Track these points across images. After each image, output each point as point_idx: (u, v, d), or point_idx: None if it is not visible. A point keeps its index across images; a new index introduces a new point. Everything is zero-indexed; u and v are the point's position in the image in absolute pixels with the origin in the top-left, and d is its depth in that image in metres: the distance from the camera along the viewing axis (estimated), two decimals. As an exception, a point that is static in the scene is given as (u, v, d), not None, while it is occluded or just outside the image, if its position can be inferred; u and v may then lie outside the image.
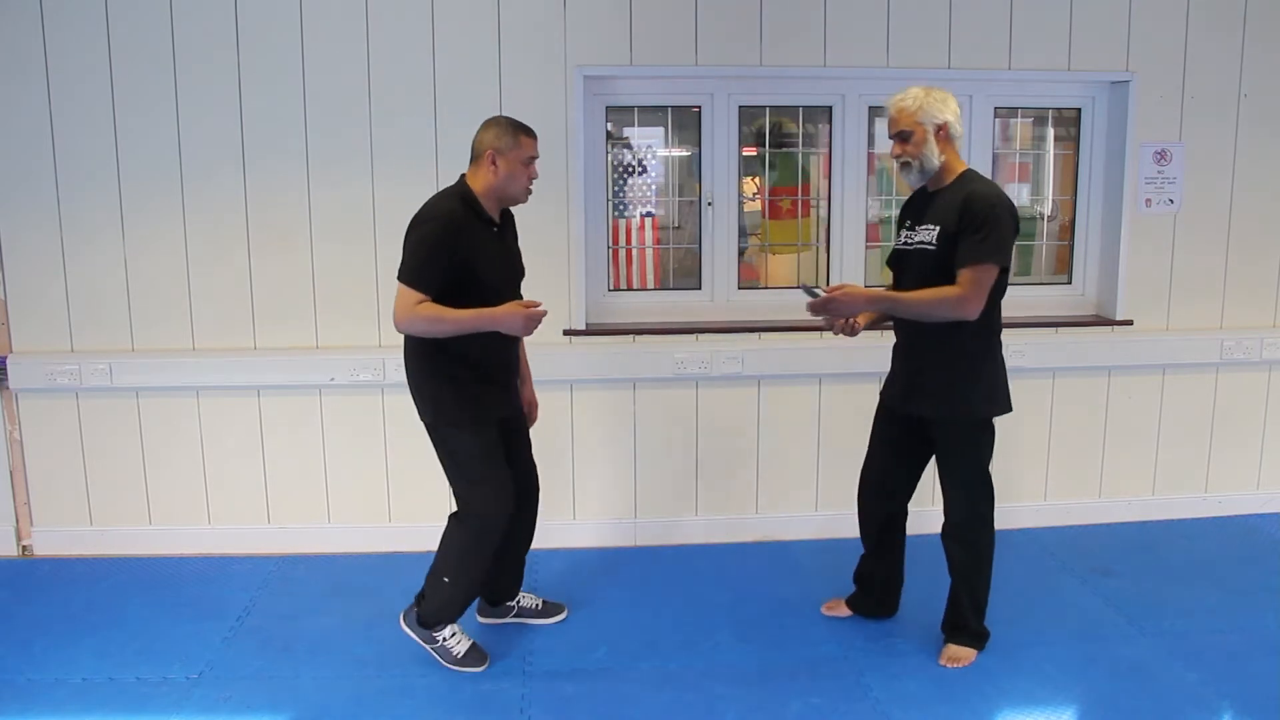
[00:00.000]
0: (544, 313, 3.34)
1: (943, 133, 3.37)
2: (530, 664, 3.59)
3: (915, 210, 3.54)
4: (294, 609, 4.01)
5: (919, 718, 3.24)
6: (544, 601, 3.97)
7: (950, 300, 3.27)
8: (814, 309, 3.45)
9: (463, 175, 3.49)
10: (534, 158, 3.47)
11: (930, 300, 3.32)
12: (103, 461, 4.49)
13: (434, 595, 3.53)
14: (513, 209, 3.61)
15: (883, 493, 3.75)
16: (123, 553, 4.50)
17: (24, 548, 4.55)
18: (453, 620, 3.58)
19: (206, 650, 3.68)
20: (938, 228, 3.36)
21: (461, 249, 3.31)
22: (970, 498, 3.53)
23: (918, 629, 3.79)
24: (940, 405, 3.47)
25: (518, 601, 3.93)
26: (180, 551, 4.51)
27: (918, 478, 3.76)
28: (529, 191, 3.51)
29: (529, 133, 3.46)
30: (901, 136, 3.41)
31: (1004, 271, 3.36)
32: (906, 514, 3.82)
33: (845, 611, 3.93)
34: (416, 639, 3.58)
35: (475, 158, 3.46)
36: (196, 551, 4.52)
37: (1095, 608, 4.01)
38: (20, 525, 4.54)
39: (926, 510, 4.70)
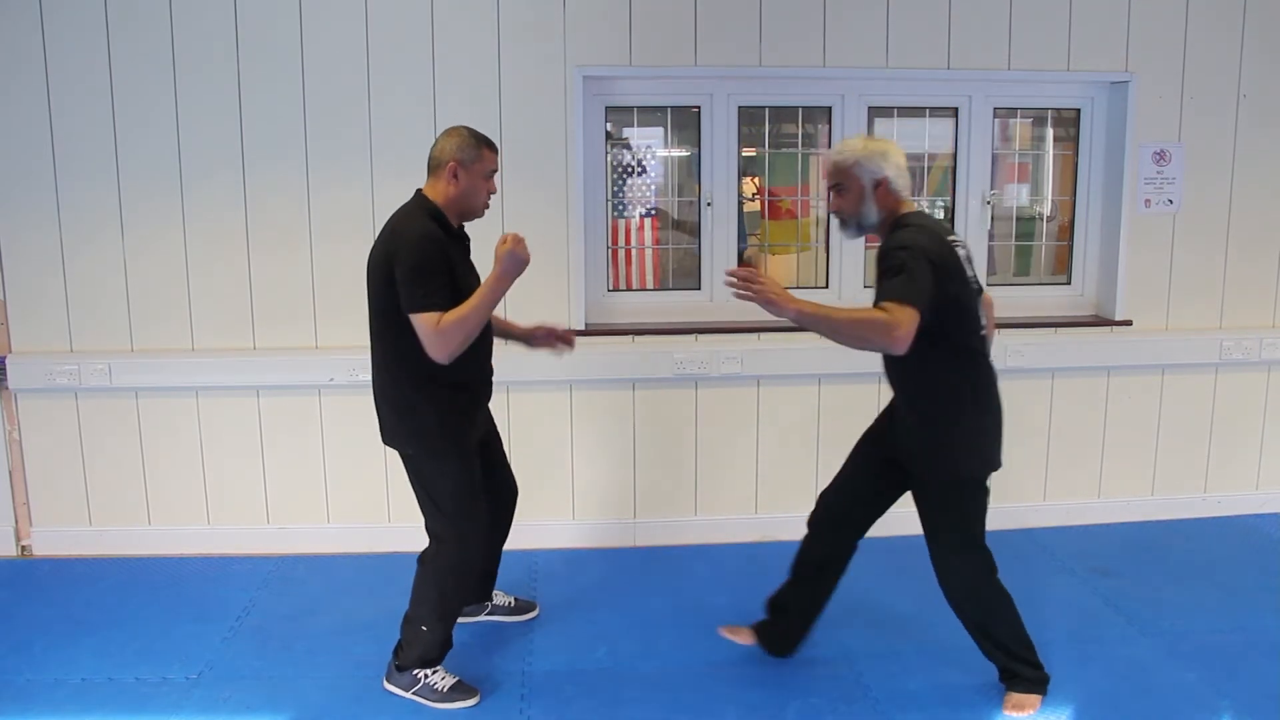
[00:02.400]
0: (521, 236, 3.18)
1: (881, 188, 3.10)
2: (530, 664, 3.59)
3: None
4: (293, 609, 4.00)
5: (918, 718, 3.24)
6: (515, 600, 3.99)
7: (878, 324, 2.89)
8: (737, 278, 3.03)
9: (419, 190, 3.33)
10: (494, 171, 3.32)
11: (856, 320, 2.97)
12: (102, 461, 4.49)
13: (413, 645, 3.38)
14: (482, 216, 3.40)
15: (845, 524, 3.46)
16: (122, 553, 4.50)
17: (23, 548, 4.55)
18: (436, 664, 3.43)
19: (206, 650, 3.68)
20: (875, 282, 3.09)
21: (450, 268, 3.19)
22: (957, 565, 3.28)
23: (917, 629, 3.79)
24: (918, 460, 3.24)
25: (490, 600, 3.96)
26: (180, 552, 4.51)
27: (877, 517, 3.47)
28: (487, 206, 3.36)
29: (491, 145, 3.30)
30: (837, 189, 3.17)
31: (959, 315, 3.10)
32: (853, 554, 3.51)
33: (748, 639, 3.62)
34: (402, 693, 3.39)
35: (434, 168, 3.29)
36: (196, 552, 4.52)
37: (1094, 607, 4.01)
38: (19, 525, 4.54)
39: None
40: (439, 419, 3.27)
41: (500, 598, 3.97)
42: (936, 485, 3.24)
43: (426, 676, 3.37)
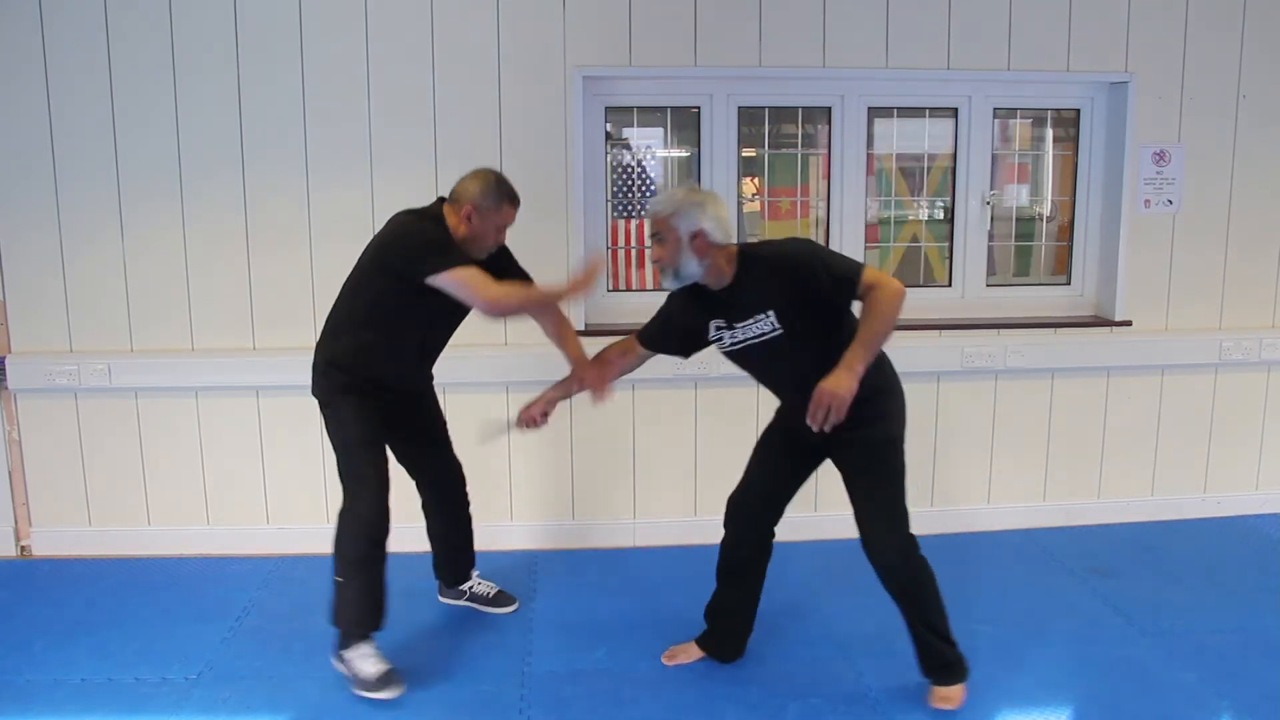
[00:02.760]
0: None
1: (698, 240, 3.08)
2: (530, 664, 3.59)
3: (718, 309, 3.23)
4: (293, 609, 4.00)
5: (918, 718, 3.24)
6: (499, 591, 4.02)
7: (889, 296, 2.96)
8: (819, 418, 2.95)
9: (441, 202, 3.45)
10: (507, 225, 3.41)
11: (878, 315, 2.98)
12: (101, 462, 4.49)
13: (337, 601, 3.42)
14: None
15: (761, 518, 3.47)
16: (122, 553, 4.50)
17: (23, 548, 4.55)
18: (362, 635, 3.41)
19: (205, 651, 3.68)
20: (770, 312, 3.10)
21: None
22: (892, 527, 3.23)
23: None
24: (859, 427, 3.12)
25: (470, 587, 4.00)
26: (179, 552, 4.51)
27: (788, 503, 3.48)
28: (490, 252, 3.45)
29: (514, 200, 3.39)
30: (656, 239, 3.16)
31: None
32: (773, 540, 3.52)
33: (696, 654, 3.60)
34: (340, 668, 3.43)
35: (454, 200, 3.41)
36: (195, 552, 4.52)
37: (1094, 608, 4.01)
38: (19, 525, 4.54)
39: (925, 511, 4.73)
40: (346, 376, 3.44)
41: (482, 586, 4.01)
42: (877, 445, 3.20)
43: (356, 658, 3.39)
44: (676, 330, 3.40)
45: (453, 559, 3.99)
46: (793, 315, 3.09)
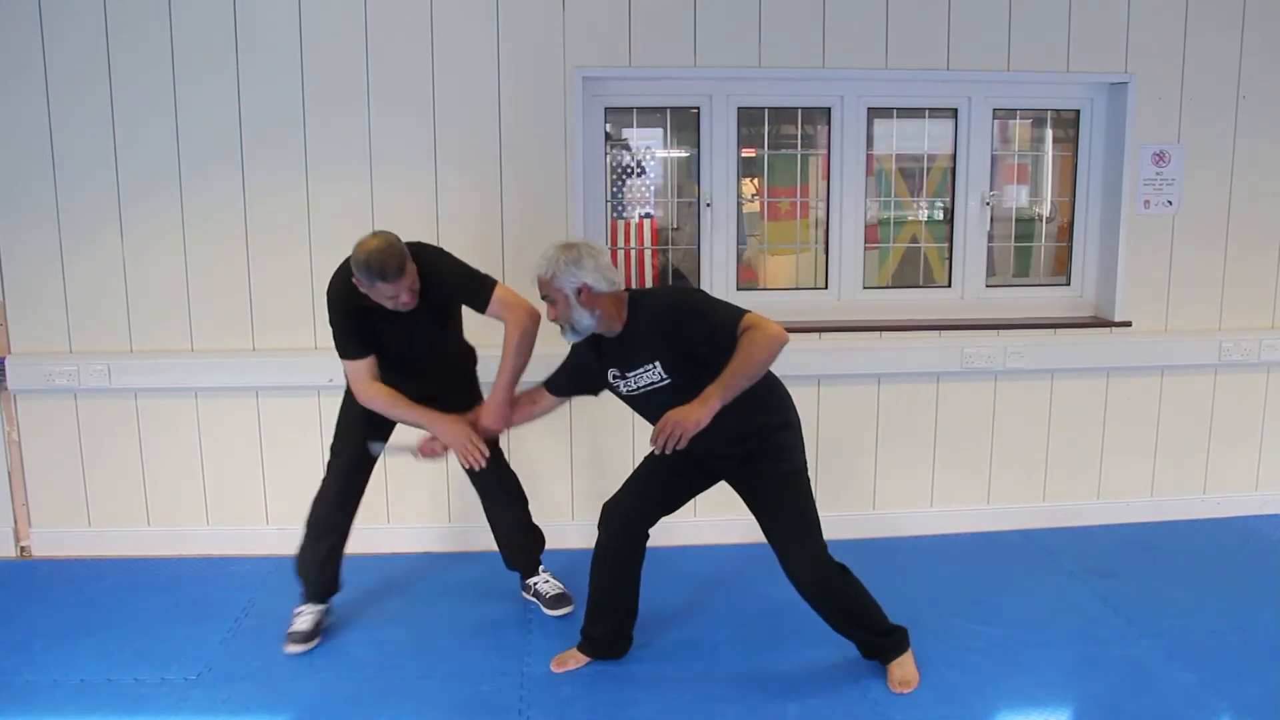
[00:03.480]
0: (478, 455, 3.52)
1: (584, 294, 3.17)
2: (529, 664, 3.59)
3: (612, 358, 3.33)
4: (292, 610, 3.99)
5: (918, 718, 3.24)
6: (560, 594, 4.01)
7: (766, 336, 3.02)
8: (662, 444, 3.04)
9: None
10: (397, 295, 3.43)
11: (751, 352, 3.02)
12: (101, 462, 4.49)
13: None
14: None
15: (642, 522, 3.51)
16: (121, 554, 4.50)
17: (22, 548, 4.55)
18: (310, 595, 3.81)
19: (205, 651, 3.68)
20: (656, 363, 3.20)
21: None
22: (811, 552, 3.34)
23: (916, 631, 3.78)
24: (761, 462, 3.32)
25: (533, 583, 4.06)
26: (179, 552, 4.51)
27: (665, 516, 3.56)
28: (406, 306, 3.48)
29: (384, 278, 3.35)
30: (547, 300, 3.24)
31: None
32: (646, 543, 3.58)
33: (580, 660, 3.59)
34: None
35: None
36: (195, 552, 4.52)
37: (1094, 609, 4.01)
38: (19, 526, 4.54)
39: (925, 512, 4.74)
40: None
41: (545, 585, 4.05)
42: (782, 478, 3.34)
43: (295, 615, 3.77)
44: (581, 376, 3.50)
45: (514, 557, 4.05)
46: (679, 365, 3.18)
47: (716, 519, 4.67)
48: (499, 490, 3.95)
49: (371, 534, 4.51)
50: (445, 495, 4.55)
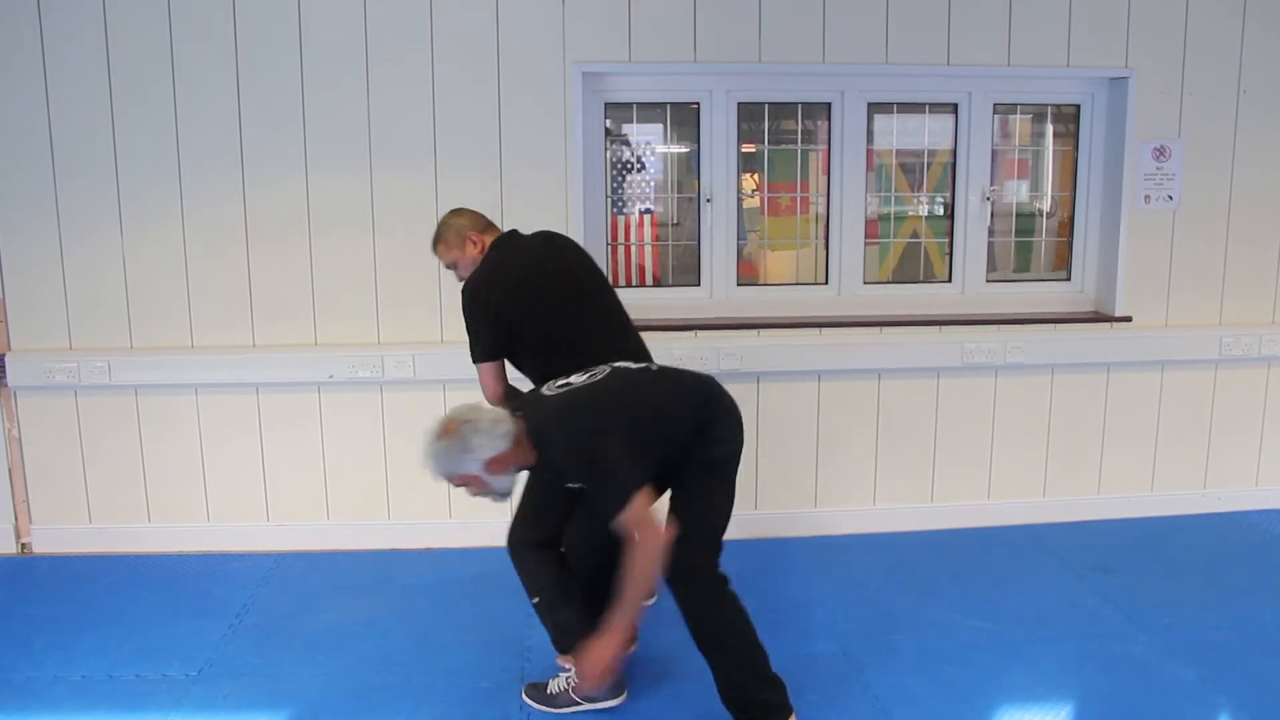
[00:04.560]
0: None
1: (493, 465, 2.93)
2: (530, 661, 3.59)
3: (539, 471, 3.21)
4: (293, 606, 4.01)
5: (919, 714, 3.24)
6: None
7: (644, 558, 2.92)
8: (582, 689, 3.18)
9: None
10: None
11: (634, 579, 2.94)
12: (101, 459, 4.49)
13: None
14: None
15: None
16: (122, 550, 4.50)
17: (23, 545, 4.55)
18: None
19: (205, 648, 3.68)
20: (575, 482, 3.07)
21: None
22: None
23: (918, 626, 3.79)
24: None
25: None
26: (179, 549, 4.51)
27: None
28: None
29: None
30: (465, 488, 3.02)
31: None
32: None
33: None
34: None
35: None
36: (195, 549, 4.52)
37: (1094, 604, 4.01)
38: (19, 523, 4.54)
39: (925, 508, 4.74)
40: None
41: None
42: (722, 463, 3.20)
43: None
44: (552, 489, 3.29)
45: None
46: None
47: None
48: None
49: (372, 530, 4.53)
50: (443, 491, 4.54)
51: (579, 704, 3.27)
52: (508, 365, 3.48)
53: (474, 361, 3.42)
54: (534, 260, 3.49)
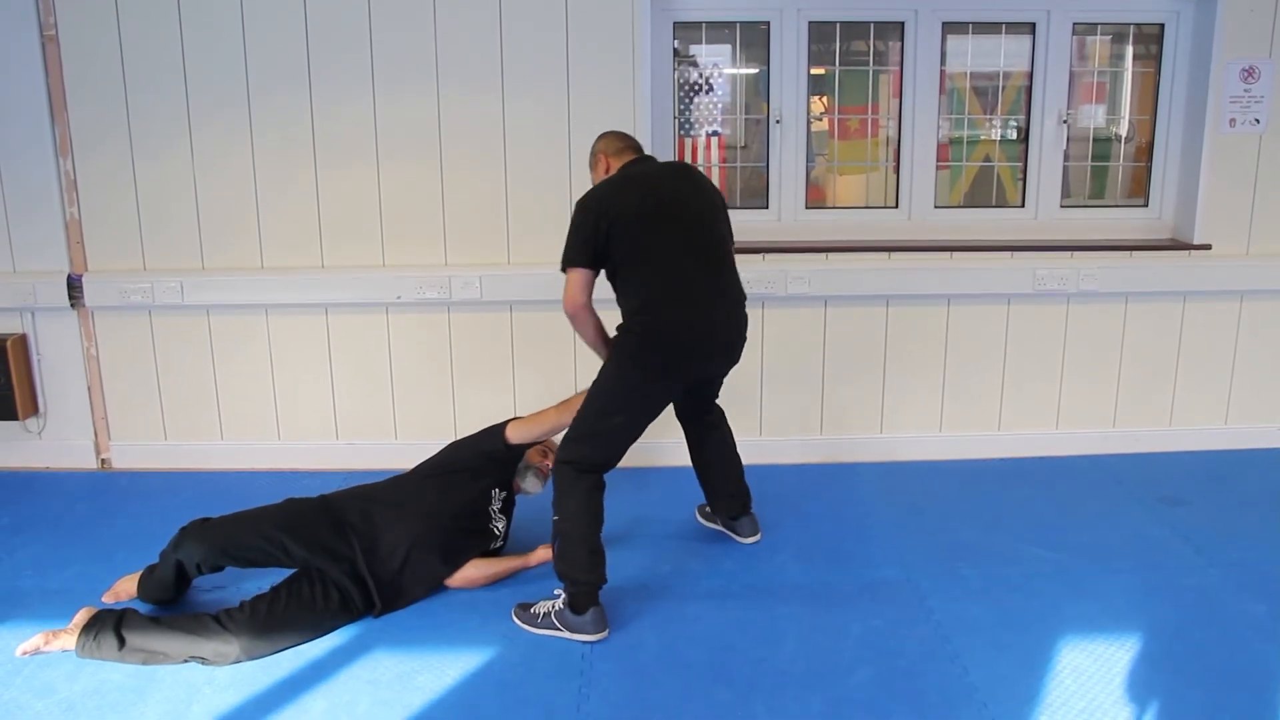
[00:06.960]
0: None
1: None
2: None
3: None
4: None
5: (980, 642, 3.24)
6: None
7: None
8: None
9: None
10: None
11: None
12: (175, 378, 4.59)
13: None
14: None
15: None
16: (196, 467, 4.62)
17: (103, 460, 4.68)
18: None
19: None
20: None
21: None
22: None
23: (982, 554, 3.78)
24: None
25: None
26: (251, 466, 4.62)
27: None
28: None
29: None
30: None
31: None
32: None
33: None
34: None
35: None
36: (267, 466, 4.62)
37: (1162, 537, 3.96)
38: (99, 439, 4.66)
39: (993, 435, 4.69)
40: None
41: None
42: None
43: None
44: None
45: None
46: None
47: (779, 439, 4.67)
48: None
49: (439, 448, 4.57)
50: (506, 407, 4.58)
51: (558, 630, 3.30)
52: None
53: (563, 268, 3.39)
54: (653, 184, 3.45)
